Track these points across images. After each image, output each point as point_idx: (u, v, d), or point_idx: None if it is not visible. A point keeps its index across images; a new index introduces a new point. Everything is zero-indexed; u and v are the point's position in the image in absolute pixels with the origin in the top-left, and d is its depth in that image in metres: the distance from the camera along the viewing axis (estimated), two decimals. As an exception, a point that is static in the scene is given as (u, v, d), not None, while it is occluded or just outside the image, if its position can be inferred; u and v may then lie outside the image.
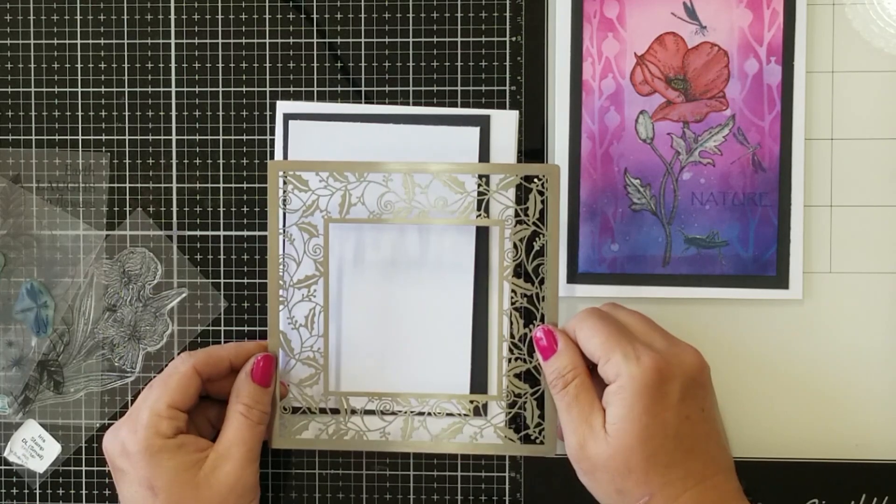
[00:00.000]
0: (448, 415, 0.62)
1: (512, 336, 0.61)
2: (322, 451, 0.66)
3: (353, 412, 0.62)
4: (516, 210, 0.61)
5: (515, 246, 0.60)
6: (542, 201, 0.59)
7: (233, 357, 0.60)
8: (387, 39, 0.65)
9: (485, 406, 0.63)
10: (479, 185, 0.61)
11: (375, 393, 0.62)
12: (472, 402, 0.62)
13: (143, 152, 0.65)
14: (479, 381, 0.63)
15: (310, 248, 0.61)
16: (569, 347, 0.55)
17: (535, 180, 0.60)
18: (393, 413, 0.62)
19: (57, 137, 0.66)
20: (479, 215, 0.62)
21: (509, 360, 0.61)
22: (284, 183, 0.61)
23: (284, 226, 0.62)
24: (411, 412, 0.62)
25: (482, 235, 0.63)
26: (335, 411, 0.63)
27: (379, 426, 0.62)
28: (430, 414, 0.62)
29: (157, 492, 0.55)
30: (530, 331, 0.60)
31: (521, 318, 0.61)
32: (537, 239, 0.60)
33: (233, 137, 0.65)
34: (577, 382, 0.54)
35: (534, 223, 0.60)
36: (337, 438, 0.62)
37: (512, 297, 0.61)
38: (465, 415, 0.62)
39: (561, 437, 0.57)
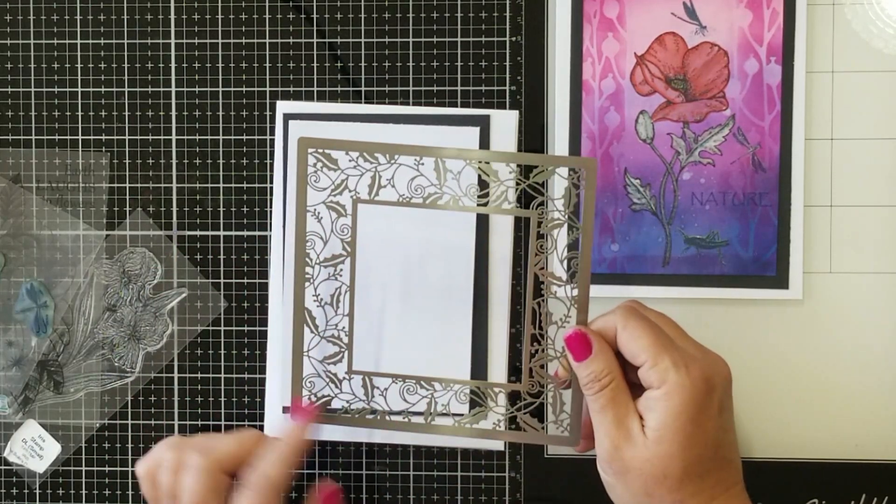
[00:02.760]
0: (472, 400, 0.62)
1: (540, 327, 0.59)
2: (322, 451, 0.66)
3: (377, 391, 0.62)
4: (550, 202, 0.60)
5: (546, 237, 0.59)
6: (577, 195, 0.58)
7: (234, 454, 0.57)
8: (387, 39, 0.65)
9: (505, 395, 0.62)
10: (513, 174, 0.60)
11: (399, 375, 0.62)
12: (495, 389, 0.61)
13: (143, 152, 0.65)
14: (480, 369, 0.63)
15: (337, 227, 0.61)
16: (604, 350, 0.54)
17: (571, 172, 0.58)
18: (417, 394, 0.62)
19: (57, 137, 0.66)
20: (513, 205, 0.61)
21: (533, 354, 0.60)
22: (314, 161, 0.60)
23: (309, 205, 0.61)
24: (434, 397, 0.61)
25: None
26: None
27: (403, 407, 0.62)
28: (451, 400, 0.62)
29: None
30: (559, 325, 0.58)
31: (549, 311, 0.60)
32: (571, 232, 0.59)
33: (233, 137, 0.65)
34: (613, 385, 0.53)
35: (569, 217, 0.58)
36: (360, 417, 0.62)
37: (542, 289, 0.60)
38: (483, 403, 0.61)
39: (588, 434, 0.56)
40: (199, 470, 0.54)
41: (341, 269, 0.61)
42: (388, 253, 0.63)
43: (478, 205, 0.60)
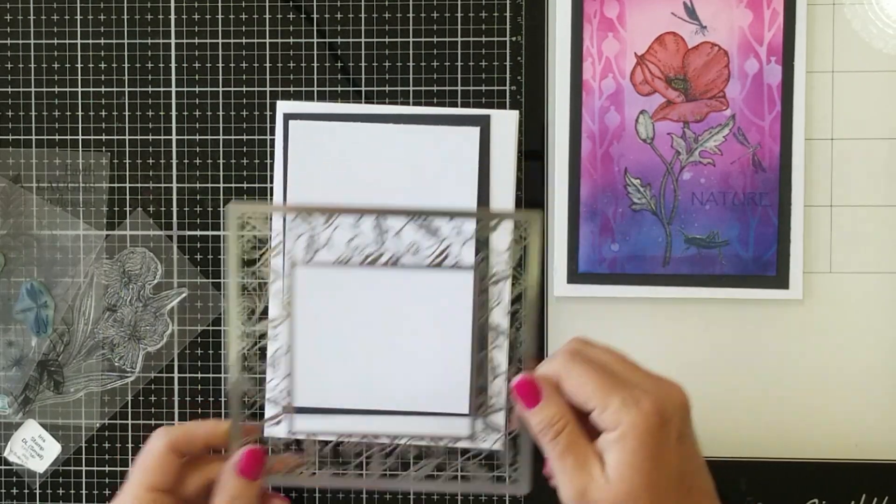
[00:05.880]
0: (422, 451, 0.61)
1: (486, 378, 0.59)
2: (322, 452, 0.66)
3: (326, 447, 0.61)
4: (491, 256, 0.59)
5: (488, 290, 0.59)
6: (521, 249, 0.56)
7: (209, 436, 0.56)
8: (387, 39, 0.65)
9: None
10: (455, 230, 0.60)
11: (344, 433, 0.61)
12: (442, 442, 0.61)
13: (143, 152, 0.65)
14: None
15: (274, 289, 0.60)
16: (553, 395, 0.53)
17: (516, 226, 0.57)
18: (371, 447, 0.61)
19: (57, 137, 0.66)
20: (455, 262, 0.61)
21: (480, 406, 0.60)
22: (242, 227, 0.59)
23: (246, 268, 0.61)
24: (385, 450, 0.61)
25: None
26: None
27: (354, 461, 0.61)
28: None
29: None
30: (508, 374, 0.58)
31: (494, 364, 0.60)
32: (516, 285, 0.58)
33: (233, 137, 0.65)
34: (568, 430, 0.52)
35: (513, 270, 0.57)
36: (308, 476, 0.60)
37: (485, 342, 0.59)
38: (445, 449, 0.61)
39: (547, 476, 0.56)
40: (148, 447, 0.55)
41: (279, 331, 0.60)
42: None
43: (421, 263, 0.60)
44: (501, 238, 0.60)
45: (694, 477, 0.52)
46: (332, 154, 0.63)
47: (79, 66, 0.65)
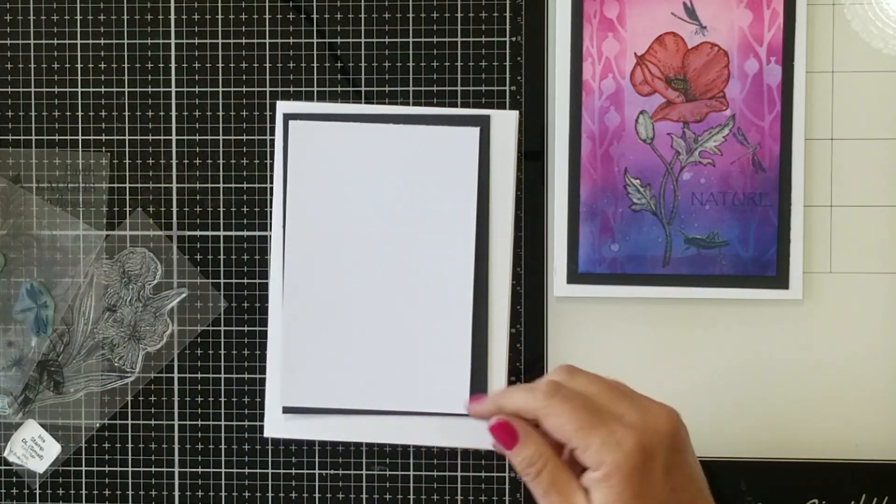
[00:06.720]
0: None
1: None
2: (322, 451, 0.66)
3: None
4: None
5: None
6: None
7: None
8: (387, 39, 0.65)
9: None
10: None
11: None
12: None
13: (143, 152, 0.65)
14: (481, 371, 0.63)
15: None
16: (530, 435, 0.51)
17: None
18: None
19: (57, 137, 0.66)
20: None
21: None
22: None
23: None
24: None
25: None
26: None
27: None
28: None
29: None
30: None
31: None
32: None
33: (233, 137, 0.65)
34: (549, 468, 0.51)
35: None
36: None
37: None
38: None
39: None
40: None
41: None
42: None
43: None
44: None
45: None
46: (332, 154, 0.63)
47: (79, 66, 0.65)
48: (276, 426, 0.64)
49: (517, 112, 0.64)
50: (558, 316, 0.64)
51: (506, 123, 0.64)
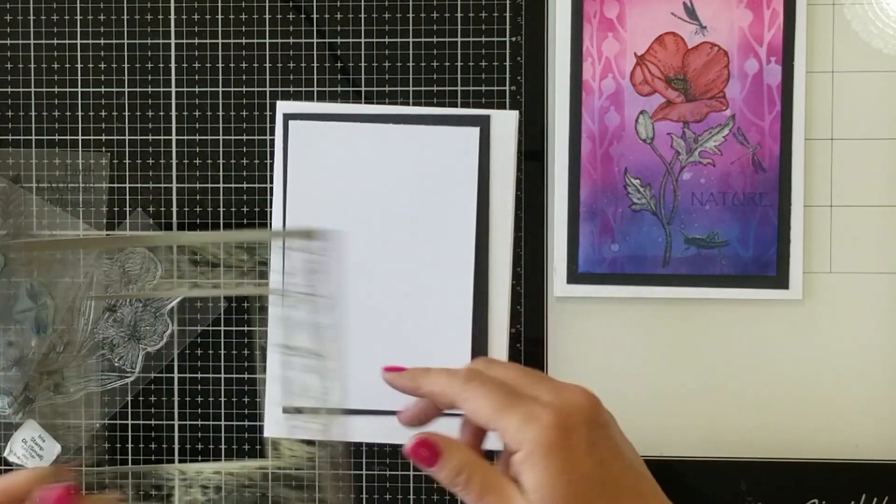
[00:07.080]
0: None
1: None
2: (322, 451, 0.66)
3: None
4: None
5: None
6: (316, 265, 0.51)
7: (32, 486, 0.49)
8: (387, 39, 0.65)
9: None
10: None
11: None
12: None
13: (143, 152, 0.65)
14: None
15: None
16: (450, 446, 0.50)
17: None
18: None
19: (57, 137, 0.66)
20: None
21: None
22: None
23: None
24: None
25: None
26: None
27: None
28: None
29: None
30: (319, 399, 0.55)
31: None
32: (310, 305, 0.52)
33: (233, 137, 0.65)
34: (478, 472, 0.51)
35: (308, 293, 0.51)
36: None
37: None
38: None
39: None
40: None
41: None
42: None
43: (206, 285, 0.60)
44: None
45: (619, 479, 0.50)
46: (332, 154, 0.64)
47: (79, 66, 0.65)
48: (276, 426, 0.64)
49: (517, 112, 0.64)
50: (558, 316, 0.64)
51: (506, 123, 0.64)
